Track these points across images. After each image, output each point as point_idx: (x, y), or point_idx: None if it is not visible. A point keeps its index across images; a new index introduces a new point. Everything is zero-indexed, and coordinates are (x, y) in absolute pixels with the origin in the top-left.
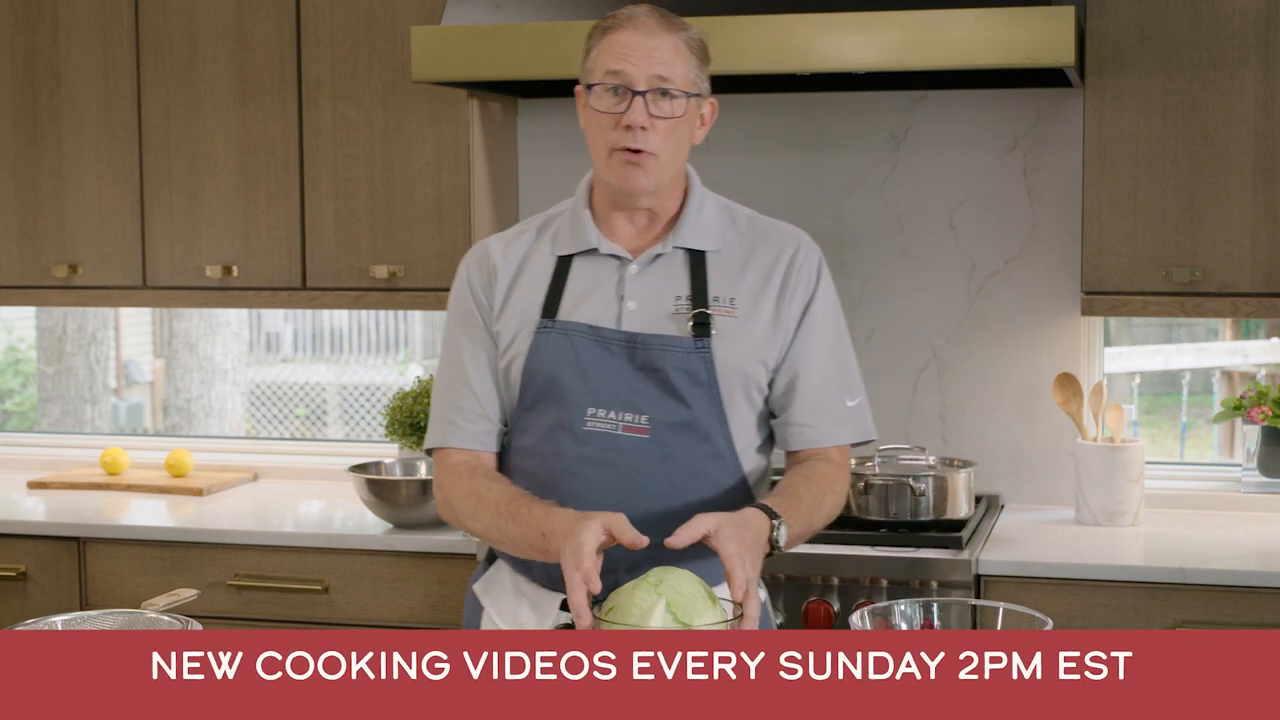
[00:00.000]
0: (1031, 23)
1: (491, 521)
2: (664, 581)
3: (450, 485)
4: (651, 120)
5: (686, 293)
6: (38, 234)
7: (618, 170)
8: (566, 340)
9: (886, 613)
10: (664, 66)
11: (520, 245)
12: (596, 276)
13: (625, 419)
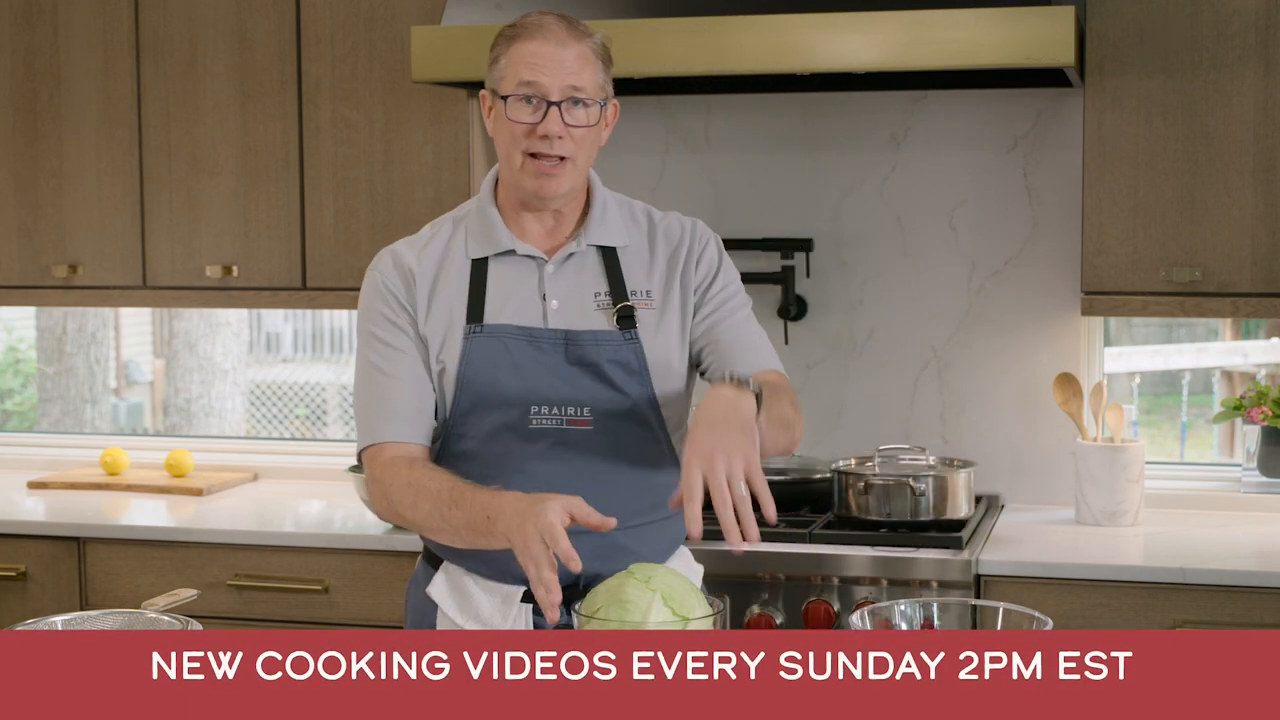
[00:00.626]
0: (1031, 23)
1: (433, 509)
2: (653, 577)
3: (388, 479)
4: (566, 129)
5: (605, 288)
6: (38, 234)
7: (532, 178)
8: (499, 343)
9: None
10: (575, 76)
11: (433, 250)
12: (515, 277)
13: (569, 413)
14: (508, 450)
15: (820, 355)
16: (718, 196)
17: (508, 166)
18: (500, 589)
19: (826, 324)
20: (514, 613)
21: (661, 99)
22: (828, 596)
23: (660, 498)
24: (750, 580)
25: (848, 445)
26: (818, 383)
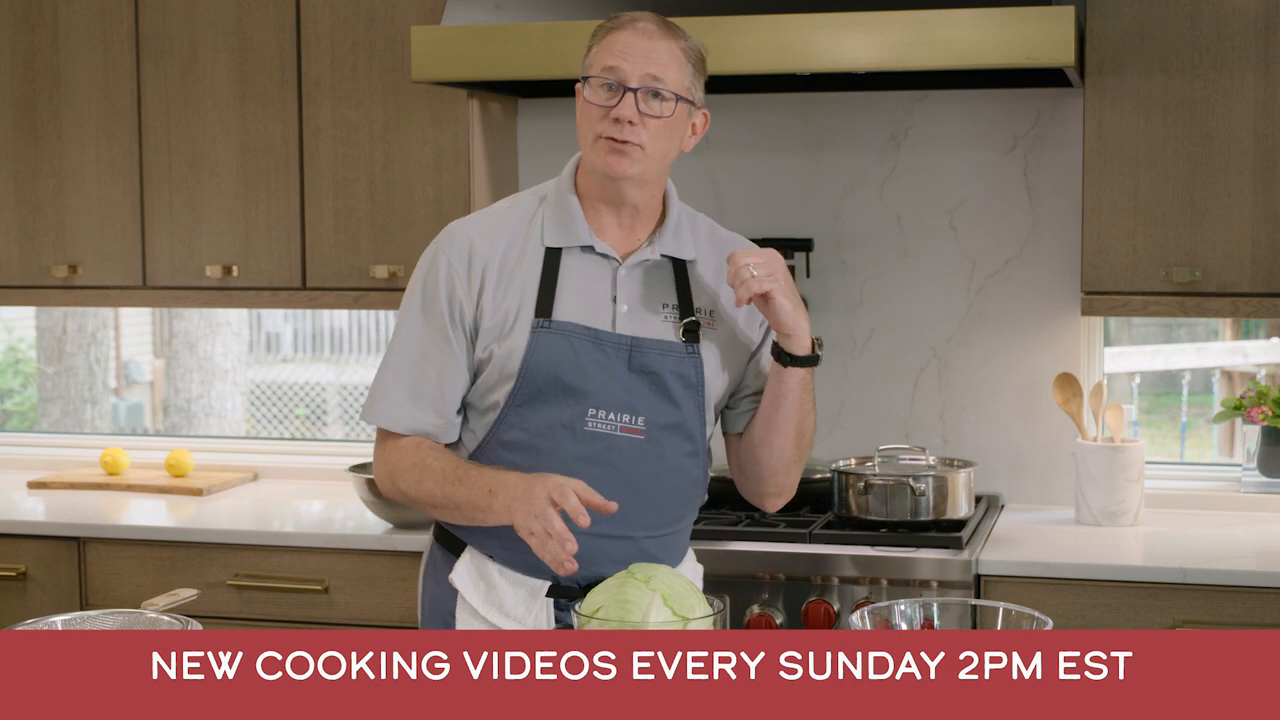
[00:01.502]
0: (1031, 23)
1: (435, 487)
2: (654, 577)
3: (395, 459)
4: (641, 117)
5: (673, 301)
6: (38, 234)
7: (602, 156)
8: (565, 341)
9: (886, 613)
10: (659, 68)
11: (509, 228)
12: (589, 274)
13: (623, 420)
14: (558, 447)
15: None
16: (718, 196)
17: (588, 151)
18: (527, 582)
19: (826, 324)
20: (538, 606)
21: None
22: (828, 596)
23: (689, 509)
24: (750, 580)
25: (848, 445)
26: (818, 383)
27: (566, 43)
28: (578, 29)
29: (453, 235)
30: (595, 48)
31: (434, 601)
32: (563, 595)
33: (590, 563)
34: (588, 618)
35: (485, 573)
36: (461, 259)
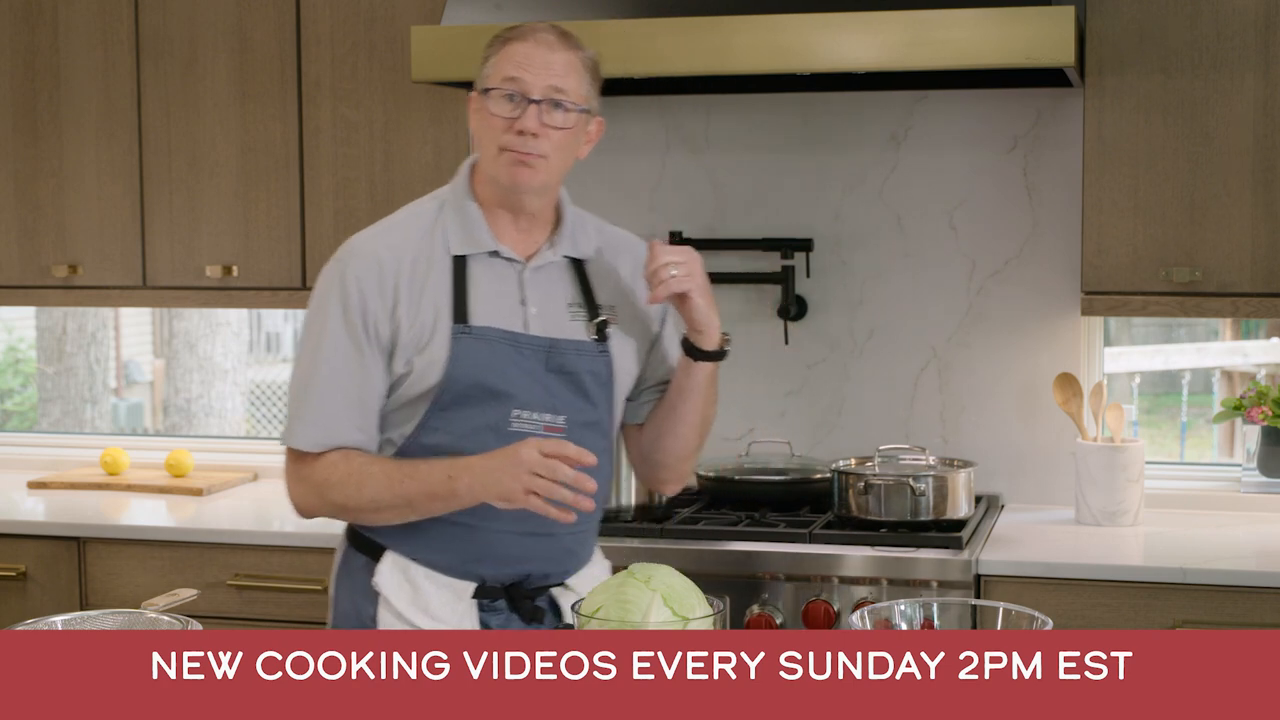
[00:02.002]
0: (1031, 23)
1: (381, 490)
2: (654, 577)
3: (322, 475)
4: (544, 128)
5: (578, 299)
6: (38, 234)
7: (506, 168)
8: (486, 345)
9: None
10: (560, 79)
11: (409, 244)
12: (496, 279)
13: (545, 419)
14: (482, 448)
15: (820, 355)
16: (718, 196)
17: (488, 161)
18: (452, 584)
19: (826, 324)
20: (463, 608)
21: (661, 99)
22: (828, 596)
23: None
24: (750, 580)
25: (848, 445)
26: (818, 383)
27: None
28: (577, 29)
29: (358, 251)
30: (494, 58)
31: (352, 606)
32: (486, 596)
33: (518, 560)
34: (588, 618)
35: (410, 575)
36: (372, 275)
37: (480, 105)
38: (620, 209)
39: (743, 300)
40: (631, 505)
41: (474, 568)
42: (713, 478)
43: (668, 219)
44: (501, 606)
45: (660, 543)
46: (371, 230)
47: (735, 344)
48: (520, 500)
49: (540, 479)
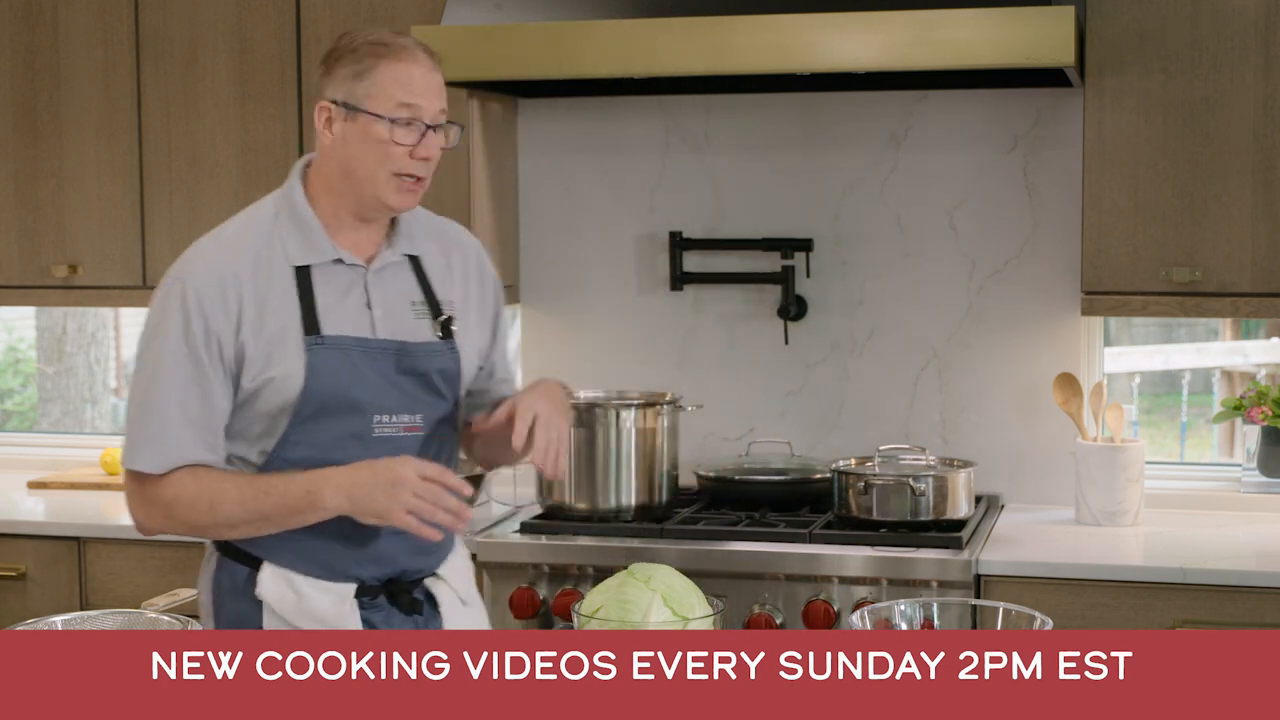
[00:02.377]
0: (1031, 23)
1: (235, 508)
2: (653, 577)
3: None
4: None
5: (419, 297)
6: (38, 234)
7: (398, 194)
8: (341, 354)
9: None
10: (442, 100)
11: (248, 258)
12: (340, 285)
13: (404, 420)
14: (349, 457)
15: (820, 355)
16: (718, 196)
17: (369, 182)
18: (334, 588)
19: (826, 324)
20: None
21: (661, 99)
22: (828, 596)
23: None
24: (750, 580)
25: (848, 445)
26: (818, 383)
27: (566, 43)
28: (578, 29)
29: (198, 269)
30: (372, 77)
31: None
32: (366, 594)
33: (390, 560)
34: (588, 618)
35: (291, 583)
36: (214, 292)
37: (363, 126)
38: (620, 209)
39: (743, 300)
40: (631, 505)
41: (351, 570)
42: (713, 478)
43: (668, 219)
44: (382, 603)
45: (660, 543)
46: (208, 244)
47: (736, 344)
48: (397, 520)
49: (421, 501)
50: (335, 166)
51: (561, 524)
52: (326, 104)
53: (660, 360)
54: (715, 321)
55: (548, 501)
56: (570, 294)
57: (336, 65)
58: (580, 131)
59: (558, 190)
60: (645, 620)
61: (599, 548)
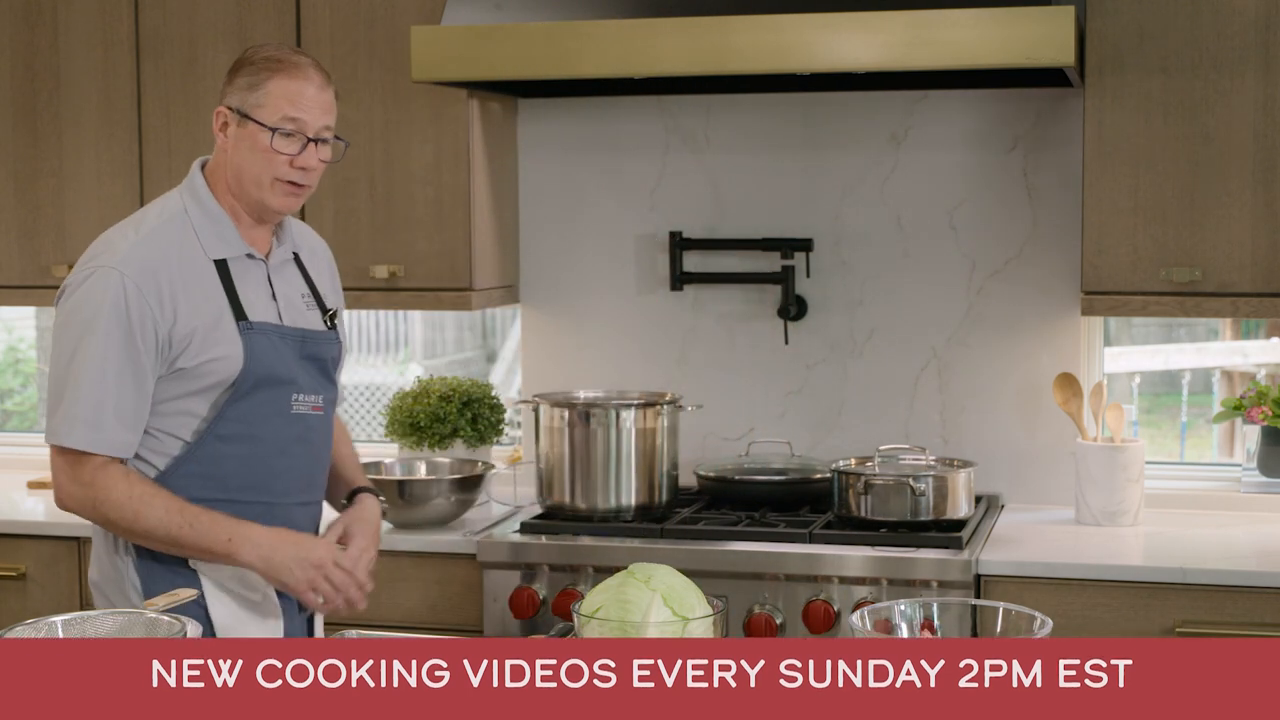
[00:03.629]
0: (1031, 23)
1: (157, 526)
2: (653, 577)
3: (101, 486)
4: (318, 163)
5: (306, 291)
6: (38, 234)
7: (280, 198)
8: (267, 339)
9: (886, 613)
10: (328, 117)
11: (173, 250)
12: (250, 278)
13: (311, 400)
14: (276, 433)
15: (820, 355)
16: (718, 196)
17: (254, 185)
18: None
19: (826, 324)
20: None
21: (661, 99)
22: (828, 596)
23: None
24: (750, 580)
25: (848, 445)
26: (818, 383)
27: (566, 43)
28: (578, 29)
29: (129, 260)
30: (264, 90)
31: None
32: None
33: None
34: (588, 618)
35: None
36: (149, 283)
37: (251, 134)
38: (620, 209)
39: (743, 300)
40: (632, 505)
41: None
42: (713, 478)
43: (668, 219)
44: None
45: (660, 543)
46: (132, 235)
47: (736, 344)
48: (301, 595)
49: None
50: (230, 169)
51: (561, 524)
52: (223, 109)
53: (660, 360)
54: (715, 321)
55: (548, 501)
56: (570, 294)
57: (236, 75)
58: (580, 131)
59: (558, 190)
60: (645, 620)
61: (599, 548)
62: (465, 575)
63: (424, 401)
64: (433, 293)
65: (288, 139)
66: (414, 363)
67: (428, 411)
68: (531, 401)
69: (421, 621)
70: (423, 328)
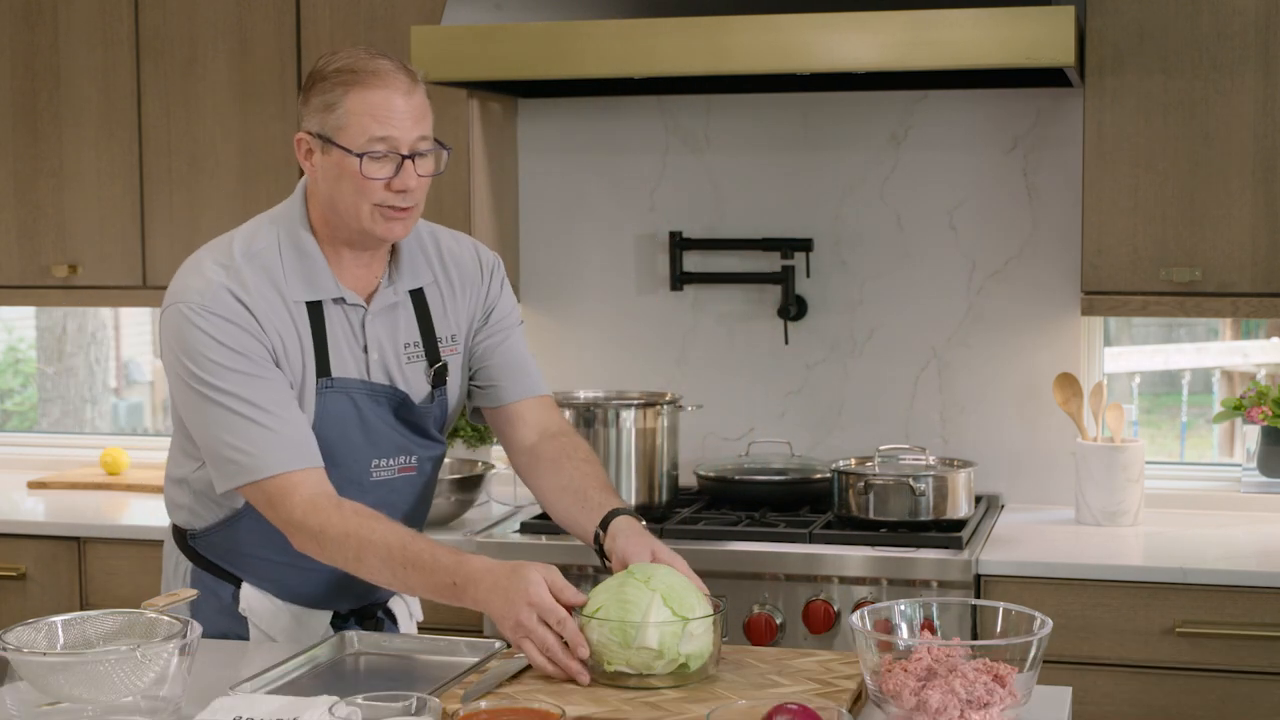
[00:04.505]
0: (1031, 22)
1: (382, 566)
2: (653, 576)
3: (317, 523)
4: (419, 180)
5: (415, 338)
6: (38, 234)
7: (382, 224)
8: (347, 399)
9: (887, 613)
10: (425, 125)
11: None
12: (342, 325)
13: (400, 461)
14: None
15: (820, 355)
16: (718, 196)
17: (352, 216)
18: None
19: (826, 324)
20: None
21: (661, 99)
22: (828, 596)
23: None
24: (750, 580)
25: (848, 445)
26: (818, 383)
27: (566, 43)
28: (578, 29)
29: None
30: (343, 107)
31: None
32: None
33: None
34: (589, 618)
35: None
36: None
37: (337, 160)
38: (620, 209)
39: (743, 300)
40: (632, 505)
41: (332, 602)
42: (713, 478)
43: (668, 219)
44: (352, 624)
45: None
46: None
47: (735, 344)
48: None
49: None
50: (322, 197)
51: None
52: (304, 135)
53: (660, 360)
54: (715, 321)
55: None
56: (570, 294)
57: (311, 94)
58: (580, 131)
59: (558, 190)
60: (645, 620)
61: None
62: None
63: None
64: None
65: (379, 162)
66: None
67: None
68: None
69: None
70: None
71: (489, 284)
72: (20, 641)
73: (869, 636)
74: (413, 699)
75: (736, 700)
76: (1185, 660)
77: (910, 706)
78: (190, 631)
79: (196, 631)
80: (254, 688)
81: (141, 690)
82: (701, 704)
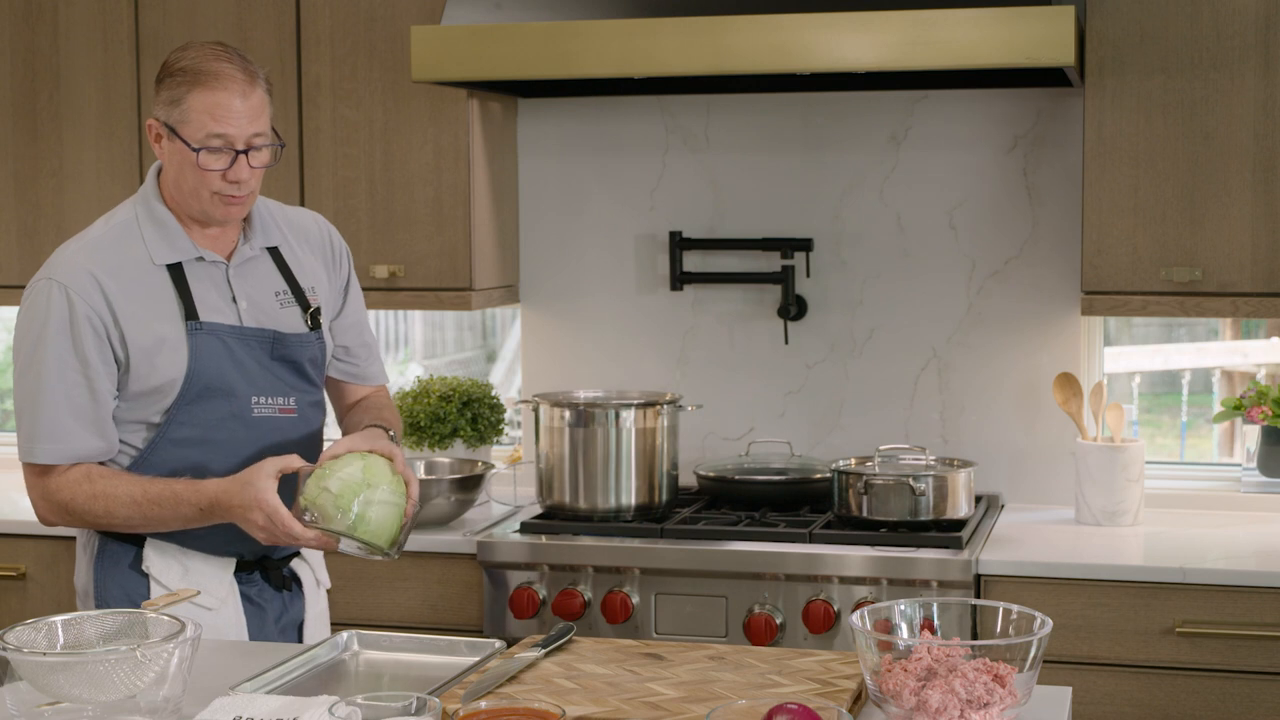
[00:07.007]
0: (1031, 23)
1: (132, 514)
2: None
3: (66, 493)
4: (251, 171)
5: (283, 287)
6: (38, 234)
7: (219, 208)
8: (218, 340)
9: (886, 613)
10: (260, 123)
11: (118, 260)
12: (206, 281)
13: (279, 402)
14: (231, 437)
15: (820, 355)
16: (718, 196)
17: (193, 198)
18: (215, 560)
19: (826, 324)
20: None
21: (661, 99)
22: (828, 596)
23: None
24: (750, 580)
25: (848, 445)
26: (818, 383)
27: (566, 43)
28: (578, 29)
29: (75, 271)
30: (186, 104)
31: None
32: (243, 570)
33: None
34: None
35: (176, 557)
36: (95, 293)
37: (180, 149)
38: (620, 209)
39: (743, 300)
40: (631, 505)
41: (232, 547)
42: (713, 478)
43: (668, 219)
44: (256, 578)
45: (660, 542)
46: (78, 248)
47: (736, 344)
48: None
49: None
50: (170, 178)
51: (561, 524)
52: (153, 121)
53: (660, 360)
54: (715, 321)
55: (548, 501)
56: (570, 294)
57: (160, 86)
58: (580, 131)
59: (558, 190)
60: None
61: (599, 547)
62: (465, 575)
63: (424, 401)
64: (433, 293)
65: (216, 155)
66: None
67: (428, 411)
68: (531, 401)
69: (422, 621)
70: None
71: (339, 258)
72: (20, 641)
73: (869, 636)
74: (413, 699)
75: (736, 700)
76: (1185, 660)
77: (910, 706)
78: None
79: (196, 632)
80: (254, 688)
81: (141, 690)
82: (702, 704)
